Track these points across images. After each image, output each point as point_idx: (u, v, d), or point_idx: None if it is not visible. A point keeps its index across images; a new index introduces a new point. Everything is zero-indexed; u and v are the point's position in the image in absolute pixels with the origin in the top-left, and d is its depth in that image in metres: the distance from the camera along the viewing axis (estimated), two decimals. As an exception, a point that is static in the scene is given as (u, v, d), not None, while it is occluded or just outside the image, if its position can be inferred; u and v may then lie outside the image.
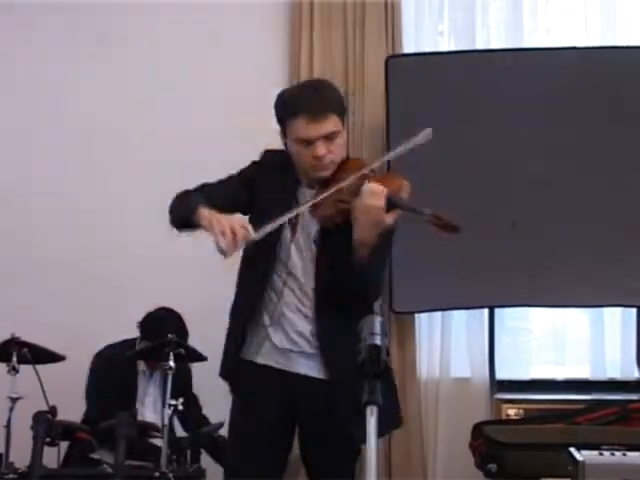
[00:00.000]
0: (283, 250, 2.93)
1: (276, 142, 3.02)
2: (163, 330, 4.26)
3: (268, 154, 3.08)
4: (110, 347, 4.50)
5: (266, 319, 2.96)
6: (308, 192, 2.93)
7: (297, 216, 2.89)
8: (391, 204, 2.72)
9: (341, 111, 2.87)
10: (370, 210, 2.69)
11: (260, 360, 2.97)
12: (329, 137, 2.82)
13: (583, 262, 4.58)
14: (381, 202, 2.68)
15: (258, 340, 2.98)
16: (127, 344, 4.50)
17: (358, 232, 2.73)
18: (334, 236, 2.85)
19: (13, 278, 4.97)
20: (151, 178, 4.89)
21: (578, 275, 4.59)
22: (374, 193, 2.69)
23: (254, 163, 3.05)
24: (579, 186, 4.62)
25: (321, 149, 2.81)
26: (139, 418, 4.23)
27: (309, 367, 2.94)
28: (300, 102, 2.82)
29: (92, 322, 4.75)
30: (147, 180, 4.91)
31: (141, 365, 4.48)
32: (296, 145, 2.85)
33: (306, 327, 2.93)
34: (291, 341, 2.94)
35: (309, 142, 2.81)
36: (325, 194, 2.78)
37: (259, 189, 2.96)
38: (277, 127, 2.88)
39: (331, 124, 2.82)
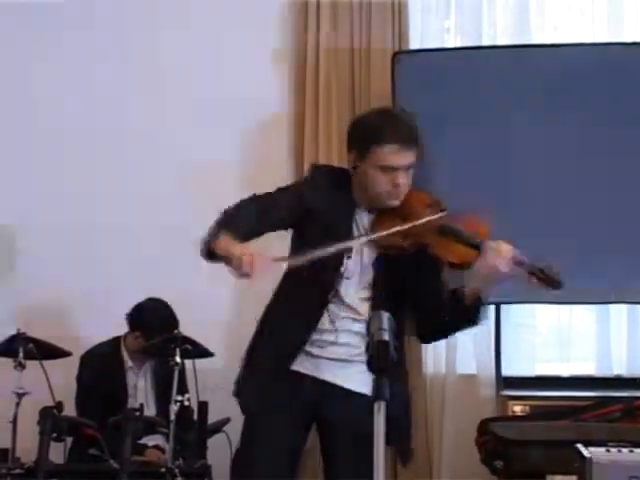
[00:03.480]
0: (338, 276, 2.86)
1: (275, 140, 2.98)
2: (155, 321, 4.26)
3: (318, 170, 3.06)
4: (94, 349, 4.48)
5: (311, 347, 2.88)
6: (366, 216, 2.89)
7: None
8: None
9: (419, 145, 2.88)
10: (498, 273, 2.74)
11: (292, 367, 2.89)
12: (408, 168, 2.84)
13: (589, 258, 4.57)
14: (508, 268, 2.74)
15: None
16: (111, 344, 4.48)
17: (476, 283, 2.77)
18: (395, 262, 2.84)
19: (18, 274, 4.97)
20: (152, 180, 4.92)
21: (584, 271, 4.57)
22: (504, 259, 2.75)
23: (304, 179, 3.03)
24: (585, 182, 4.61)
25: (402, 177, 2.82)
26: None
27: (339, 375, 2.87)
28: (391, 130, 2.81)
29: (98, 318, 4.74)
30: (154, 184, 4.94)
31: (128, 362, 4.46)
32: (375, 171, 2.82)
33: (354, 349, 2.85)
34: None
35: (392, 169, 2.81)
36: (402, 227, 2.78)
37: (309, 205, 2.88)
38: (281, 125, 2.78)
39: (414, 155, 2.84)
